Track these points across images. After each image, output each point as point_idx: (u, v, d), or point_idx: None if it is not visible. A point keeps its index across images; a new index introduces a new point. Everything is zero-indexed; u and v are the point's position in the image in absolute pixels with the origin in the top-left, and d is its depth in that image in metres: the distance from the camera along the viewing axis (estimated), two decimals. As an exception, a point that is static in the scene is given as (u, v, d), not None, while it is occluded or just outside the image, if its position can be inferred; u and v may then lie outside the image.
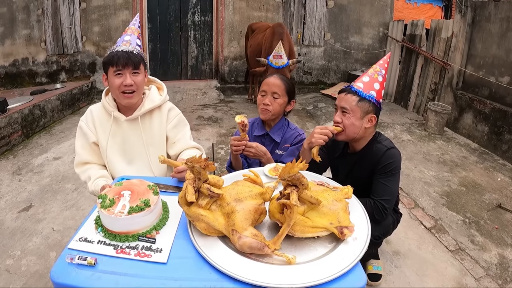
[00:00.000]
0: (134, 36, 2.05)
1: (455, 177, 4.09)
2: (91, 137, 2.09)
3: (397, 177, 2.06)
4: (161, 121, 2.17)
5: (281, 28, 5.71)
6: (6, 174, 4.08)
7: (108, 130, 2.09)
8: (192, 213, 1.28)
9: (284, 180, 1.27)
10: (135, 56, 1.97)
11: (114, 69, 1.94)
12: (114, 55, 1.93)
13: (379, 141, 2.09)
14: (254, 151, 2.16)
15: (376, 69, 2.05)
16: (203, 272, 1.17)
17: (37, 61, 7.54)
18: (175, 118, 2.22)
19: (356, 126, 1.99)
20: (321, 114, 6.49)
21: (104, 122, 2.10)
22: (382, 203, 1.96)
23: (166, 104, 2.22)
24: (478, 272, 2.64)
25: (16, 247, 2.82)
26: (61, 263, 1.21)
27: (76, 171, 2.14)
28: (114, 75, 1.95)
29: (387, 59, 2.12)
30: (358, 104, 1.96)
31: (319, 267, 1.17)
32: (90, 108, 2.15)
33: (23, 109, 5.18)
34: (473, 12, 5.51)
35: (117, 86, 1.95)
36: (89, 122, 2.11)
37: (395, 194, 2.07)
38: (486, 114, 5.03)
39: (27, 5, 7.19)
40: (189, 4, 7.68)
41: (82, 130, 2.12)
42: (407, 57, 6.97)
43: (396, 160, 2.02)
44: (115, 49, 1.98)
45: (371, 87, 1.99)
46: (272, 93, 2.30)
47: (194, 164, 1.23)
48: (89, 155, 2.12)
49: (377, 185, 2.03)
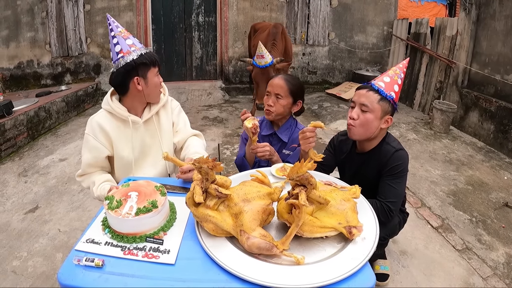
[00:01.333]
0: (132, 37, 1.97)
1: (461, 176, 4.07)
2: (104, 151, 2.01)
3: (404, 179, 2.03)
4: (168, 114, 2.19)
5: (275, 29, 5.69)
6: (12, 175, 4.09)
7: (125, 138, 2.03)
8: (200, 213, 1.28)
9: (293, 180, 1.26)
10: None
11: (157, 70, 1.98)
12: (151, 56, 1.93)
13: (387, 142, 2.06)
14: (269, 148, 2.16)
15: (396, 71, 2.02)
16: (211, 273, 1.17)
17: (42, 63, 7.56)
18: (177, 107, 2.29)
19: (374, 125, 1.96)
20: (326, 113, 6.47)
21: (117, 130, 2.02)
22: (388, 205, 1.95)
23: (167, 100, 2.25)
24: (485, 272, 2.62)
25: (23, 249, 2.82)
26: (68, 264, 1.21)
27: (78, 179, 2.10)
28: (156, 75, 1.98)
29: (406, 64, 2.10)
30: (380, 103, 1.93)
31: (328, 267, 1.16)
32: (95, 120, 2.00)
33: (29, 111, 5.20)
34: (477, 10, 5.48)
35: (159, 85, 2.01)
36: (99, 136, 1.98)
37: (402, 196, 2.05)
38: (492, 112, 5.00)
39: (31, 8, 7.22)
40: (193, 5, 7.67)
41: (91, 144, 1.99)
42: (412, 56, 6.94)
43: (403, 162, 2.00)
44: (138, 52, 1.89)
45: (392, 88, 1.96)
46: (275, 94, 2.30)
47: (202, 164, 1.23)
48: (96, 169, 2.08)
49: (384, 187, 2.01)
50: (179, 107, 2.31)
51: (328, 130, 1.86)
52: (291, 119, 2.44)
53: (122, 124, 2.02)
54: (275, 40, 5.46)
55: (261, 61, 4.48)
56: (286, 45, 5.63)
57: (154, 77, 1.97)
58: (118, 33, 1.93)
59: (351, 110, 2.02)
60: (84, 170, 2.05)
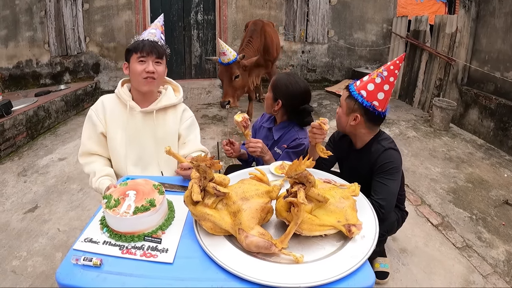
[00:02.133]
0: (158, 30, 2.09)
1: (461, 174, 4.06)
2: (99, 127, 2.07)
3: (396, 176, 2.03)
4: (175, 120, 2.17)
5: (253, 26, 5.69)
6: (11, 175, 4.09)
7: (120, 122, 2.08)
8: (198, 212, 1.27)
9: (291, 178, 1.26)
10: (160, 46, 2.01)
11: (138, 55, 1.95)
12: (139, 43, 1.97)
13: (379, 141, 2.09)
14: (261, 146, 2.18)
15: (379, 70, 2.00)
16: (209, 272, 1.16)
17: (41, 62, 7.55)
18: (189, 119, 2.25)
19: (342, 121, 2.08)
20: (325, 111, 6.47)
21: (117, 113, 2.09)
22: (378, 202, 1.94)
23: (181, 105, 2.24)
24: (485, 269, 2.62)
25: (22, 248, 2.82)
26: (66, 264, 1.20)
27: (80, 161, 2.12)
28: (137, 61, 1.96)
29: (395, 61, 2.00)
30: (346, 100, 2.03)
31: (327, 266, 1.16)
32: (102, 99, 2.13)
33: (28, 111, 5.19)
34: (477, 7, 5.47)
35: (139, 72, 1.96)
36: (99, 112, 2.08)
37: (394, 194, 2.04)
38: (492, 109, 4.99)
39: (29, 7, 7.21)
40: (192, 3, 7.65)
41: (91, 119, 2.09)
42: (411, 53, 6.93)
43: (393, 161, 2.01)
44: (139, 38, 2.02)
45: (364, 87, 1.97)
46: None
47: (200, 163, 1.22)
48: (95, 145, 2.10)
49: (375, 184, 2.03)
50: (191, 119, 2.27)
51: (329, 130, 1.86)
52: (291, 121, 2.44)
53: (123, 109, 2.08)
54: (251, 37, 5.48)
55: (224, 59, 4.61)
56: (267, 42, 5.59)
57: (134, 63, 1.97)
58: (154, 25, 2.15)
59: None
60: (84, 144, 2.11)
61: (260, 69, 5.76)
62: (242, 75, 4.87)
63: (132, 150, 2.10)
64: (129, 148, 2.09)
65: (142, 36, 2.03)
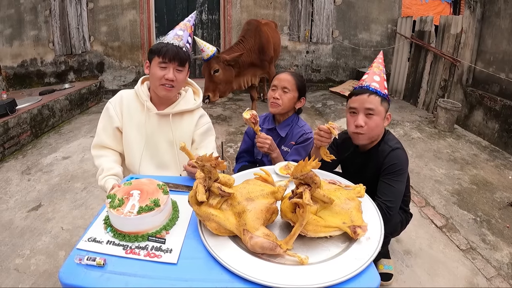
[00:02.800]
0: (186, 32, 2.06)
1: (465, 175, 4.04)
2: (116, 121, 2.08)
3: (403, 178, 2.02)
4: (190, 125, 2.16)
5: (247, 25, 5.71)
6: (15, 173, 4.10)
7: (136, 120, 2.08)
8: (203, 212, 1.27)
9: (297, 178, 1.25)
10: (184, 53, 1.98)
11: (160, 60, 1.93)
12: (163, 46, 1.94)
13: (385, 141, 2.07)
14: (270, 142, 2.18)
15: (379, 68, 2.06)
16: (214, 273, 1.16)
17: (46, 61, 7.58)
18: (205, 126, 2.23)
19: (381, 127, 2.00)
20: (330, 112, 6.46)
21: (133, 110, 2.09)
22: (386, 203, 1.94)
23: (198, 110, 2.22)
24: (489, 272, 2.60)
25: (25, 247, 2.82)
26: (69, 263, 1.20)
27: (92, 152, 2.12)
28: (158, 65, 1.95)
29: (381, 56, 2.17)
30: (382, 104, 1.96)
31: (332, 267, 1.15)
32: (121, 93, 2.13)
33: (32, 109, 5.20)
34: (482, 8, 5.44)
35: (159, 77, 1.95)
36: (117, 106, 2.09)
37: (400, 195, 2.03)
38: (497, 111, 4.96)
39: (34, 6, 7.24)
40: (196, 2, 7.66)
41: (108, 112, 2.10)
42: (416, 54, 6.91)
43: (400, 161, 1.99)
44: (165, 39, 1.99)
45: (384, 86, 2.00)
46: (282, 88, 2.35)
47: (205, 162, 1.22)
48: (109, 139, 2.10)
49: (381, 186, 2.01)
50: (207, 126, 2.25)
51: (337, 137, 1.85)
52: (293, 116, 2.46)
53: (141, 107, 2.09)
54: (243, 36, 5.53)
55: (203, 55, 4.78)
56: (262, 42, 5.56)
57: (155, 67, 1.96)
58: (183, 24, 2.12)
59: (353, 117, 2.02)
60: (98, 135, 2.11)
61: (256, 69, 5.76)
62: (223, 70, 4.95)
63: (146, 150, 2.11)
64: (145, 148, 2.10)
65: (168, 37, 2.01)
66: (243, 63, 5.33)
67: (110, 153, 2.11)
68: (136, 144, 2.09)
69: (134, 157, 2.10)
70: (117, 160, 2.13)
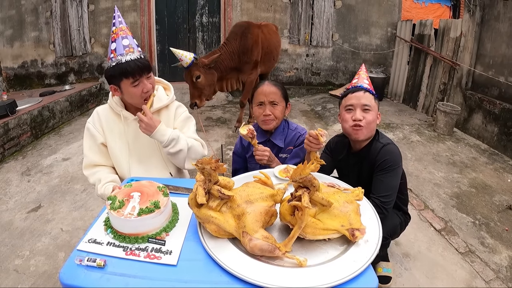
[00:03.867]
0: (130, 37, 1.98)
1: (465, 179, 4.05)
2: (99, 138, 2.09)
3: (395, 172, 2.03)
4: (169, 119, 2.17)
5: (234, 28, 5.63)
6: (15, 174, 4.11)
7: (117, 130, 2.09)
8: (202, 215, 1.28)
9: (296, 181, 1.26)
10: (144, 61, 1.94)
11: (131, 81, 1.90)
12: (126, 67, 1.87)
13: (377, 139, 2.11)
14: (268, 154, 2.14)
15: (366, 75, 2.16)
16: (213, 275, 1.16)
17: (46, 62, 7.60)
18: (183, 114, 2.24)
19: (375, 122, 2.06)
20: (329, 115, 6.47)
21: (111, 122, 2.10)
22: (380, 199, 1.95)
23: (173, 103, 2.23)
24: (488, 275, 2.61)
25: (25, 247, 2.83)
26: (70, 264, 1.21)
27: (85, 173, 2.13)
28: (131, 86, 1.92)
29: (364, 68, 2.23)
30: (375, 101, 2.05)
31: (330, 270, 1.16)
32: (97, 110, 2.14)
33: (32, 111, 5.22)
34: (482, 11, 5.47)
35: (138, 94, 1.95)
36: (96, 123, 2.10)
37: (395, 191, 2.04)
38: (496, 114, 4.98)
39: (35, 8, 7.26)
40: (197, 5, 7.68)
41: (89, 131, 2.10)
42: (415, 57, 6.93)
43: (392, 156, 2.02)
44: (121, 59, 1.89)
45: (372, 88, 2.11)
46: (271, 102, 2.27)
47: (205, 165, 1.23)
48: (98, 156, 2.11)
49: (375, 182, 2.03)
50: (185, 114, 2.25)
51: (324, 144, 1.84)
52: (283, 122, 2.40)
53: (117, 118, 2.10)
54: (227, 39, 5.48)
55: (183, 63, 4.74)
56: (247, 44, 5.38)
57: (129, 87, 1.93)
58: (119, 29, 1.97)
59: (350, 113, 2.06)
60: (86, 156, 2.12)
61: (241, 74, 5.61)
62: (204, 75, 4.92)
63: (133, 157, 2.12)
64: (130, 155, 2.11)
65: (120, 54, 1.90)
66: (225, 67, 5.24)
67: (103, 168, 2.13)
68: (121, 154, 2.10)
69: (122, 166, 2.11)
70: (111, 171, 2.15)
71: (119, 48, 1.91)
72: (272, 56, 6.08)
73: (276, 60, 6.41)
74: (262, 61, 5.78)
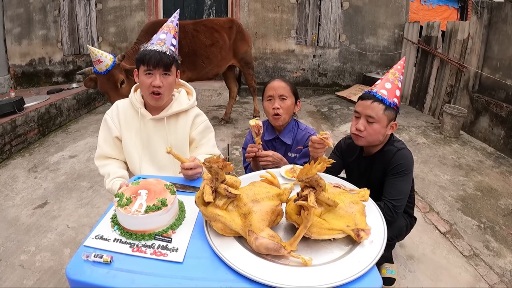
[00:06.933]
0: (170, 34, 2.04)
1: (470, 182, 4.04)
2: (114, 131, 2.11)
3: (408, 177, 2.04)
4: (186, 125, 2.16)
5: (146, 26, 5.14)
6: (22, 171, 4.14)
7: (133, 126, 2.11)
8: (209, 213, 1.29)
9: (302, 181, 1.26)
10: (167, 57, 1.95)
11: (145, 68, 1.94)
12: (146, 54, 1.93)
13: (391, 143, 2.10)
14: (272, 159, 2.14)
15: (395, 75, 2.04)
16: (219, 272, 1.17)
17: (54, 61, 7.65)
18: (202, 124, 2.22)
19: (381, 134, 2.01)
20: (336, 116, 6.46)
21: (130, 118, 2.12)
22: (392, 202, 1.96)
23: (193, 109, 2.21)
24: (492, 279, 2.60)
25: (31, 243, 2.85)
26: (76, 260, 1.22)
27: (96, 163, 2.15)
28: (144, 74, 1.96)
29: (403, 64, 2.12)
30: (385, 113, 1.96)
31: (335, 270, 1.16)
32: (117, 103, 2.17)
33: (40, 108, 5.25)
34: (489, 14, 5.43)
35: (146, 85, 1.97)
36: (114, 116, 2.13)
37: (406, 194, 2.04)
38: (503, 117, 4.95)
39: (43, 6, 7.31)
40: (204, 5, 7.70)
41: (106, 123, 2.13)
42: (422, 59, 6.91)
43: (406, 161, 2.02)
44: (148, 46, 1.97)
45: (394, 94, 1.99)
46: (280, 96, 2.27)
47: (212, 164, 1.24)
48: (111, 149, 2.13)
49: (388, 186, 2.03)
50: (205, 124, 2.23)
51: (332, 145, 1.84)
52: (292, 121, 2.41)
53: (136, 115, 2.12)
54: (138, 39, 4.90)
55: (101, 66, 3.71)
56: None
57: (141, 75, 1.98)
58: (166, 26, 2.09)
59: (355, 120, 2.06)
60: (100, 146, 2.14)
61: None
62: (127, 80, 4.07)
63: (145, 155, 2.14)
64: (143, 153, 2.13)
65: (150, 44, 1.99)
66: None
67: (114, 161, 2.15)
68: (134, 150, 2.12)
69: (134, 162, 2.13)
70: (122, 166, 2.16)
71: (155, 39, 2.02)
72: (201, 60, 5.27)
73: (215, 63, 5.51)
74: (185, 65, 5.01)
